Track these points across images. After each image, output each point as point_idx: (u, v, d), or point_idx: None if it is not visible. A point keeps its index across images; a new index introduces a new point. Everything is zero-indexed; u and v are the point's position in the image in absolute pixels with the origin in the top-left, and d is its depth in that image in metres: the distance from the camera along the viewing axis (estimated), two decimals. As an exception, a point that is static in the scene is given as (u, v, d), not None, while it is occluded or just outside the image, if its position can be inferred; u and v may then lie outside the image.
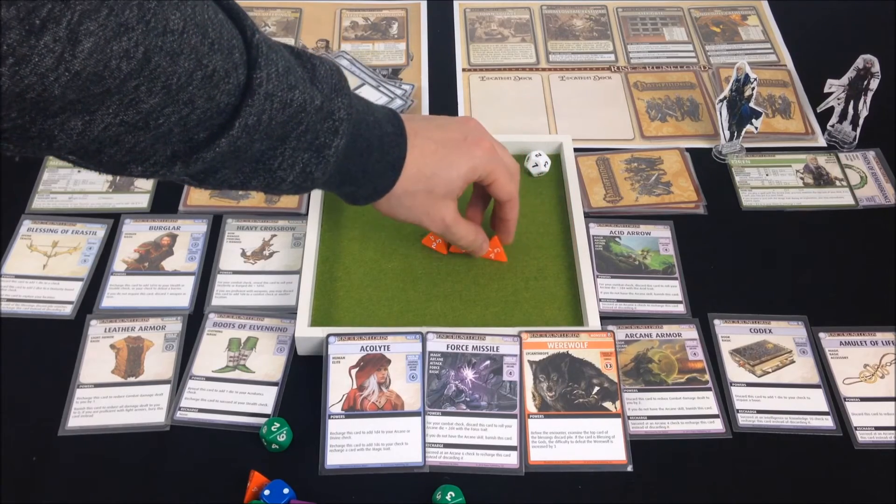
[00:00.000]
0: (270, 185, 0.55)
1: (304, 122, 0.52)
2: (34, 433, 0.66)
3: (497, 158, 0.67)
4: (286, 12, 1.04)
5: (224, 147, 0.48)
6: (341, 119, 0.55)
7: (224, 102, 0.47)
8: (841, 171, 0.86)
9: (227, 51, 0.46)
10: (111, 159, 0.46)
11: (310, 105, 0.52)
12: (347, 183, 0.61)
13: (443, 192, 0.65)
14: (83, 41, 0.38)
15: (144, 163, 0.48)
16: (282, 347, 0.71)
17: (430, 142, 0.64)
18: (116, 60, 0.40)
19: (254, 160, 0.53)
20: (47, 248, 0.78)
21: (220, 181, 0.53)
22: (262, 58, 0.49)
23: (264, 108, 0.49)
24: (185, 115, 0.45)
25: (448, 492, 0.61)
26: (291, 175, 0.55)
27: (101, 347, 0.71)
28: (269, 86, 0.49)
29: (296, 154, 0.54)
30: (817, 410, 0.68)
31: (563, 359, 0.68)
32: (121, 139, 0.45)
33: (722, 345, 0.72)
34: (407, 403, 0.66)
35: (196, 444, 0.65)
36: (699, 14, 1.05)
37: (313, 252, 0.74)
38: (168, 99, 0.44)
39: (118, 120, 0.43)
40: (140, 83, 0.42)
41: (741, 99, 0.84)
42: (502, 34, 1.02)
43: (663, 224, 0.81)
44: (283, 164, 0.54)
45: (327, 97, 0.54)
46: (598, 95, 0.95)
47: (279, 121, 0.51)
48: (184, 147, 0.48)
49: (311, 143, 0.54)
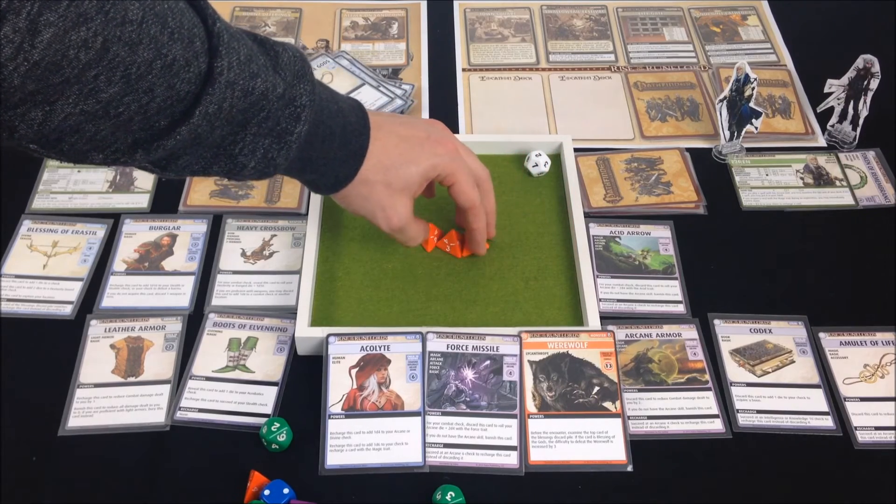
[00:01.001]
0: (232, 171, 0.55)
1: (265, 108, 0.53)
2: (34, 433, 0.66)
3: (459, 160, 0.67)
4: (286, 12, 1.04)
5: (184, 134, 0.49)
6: (303, 105, 0.55)
7: (184, 91, 0.47)
8: (841, 171, 0.86)
9: (187, 40, 0.46)
10: (72, 147, 0.47)
11: (272, 93, 0.52)
12: (308, 170, 0.61)
13: (400, 186, 0.65)
14: (42, 31, 0.38)
15: (105, 150, 0.48)
16: (282, 347, 0.71)
17: (393, 136, 0.64)
18: (75, 50, 0.40)
19: (214, 146, 0.53)
20: (47, 248, 0.78)
21: (182, 167, 0.53)
22: (224, 46, 0.49)
23: (225, 95, 0.49)
24: (145, 103, 0.46)
25: (448, 492, 0.61)
26: (253, 161, 0.55)
27: (101, 347, 0.71)
28: (231, 74, 0.49)
29: (257, 140, 0.54)
30: (817, 410, 0.68)
31: (563, 359, 0.68)
32: (81, 128, 0.45)
33: (722, 345, 0.72)
34: (407, 403, 0.66)
35: (196, 444, 0.65)
36: (699, 14, 1.05)
37: (313, 252, 0.74)
38: (127, 88, 0.44)
39: (78, 109, 0.43)
40: (99, 72, 0.42)
41: (741, 99, 0.84)
42: (502, 34, 1.02)
43: (663, 224, 0.81)
44: (244, 150, 0.54)
45: (290, 84, 0.54)
46: (598, 95, 0.95)
47: (240, 108, 0.51)
48: (144, 135, 0.48)
49: (272, 130, 0.54)
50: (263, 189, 0.83)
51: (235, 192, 0.83)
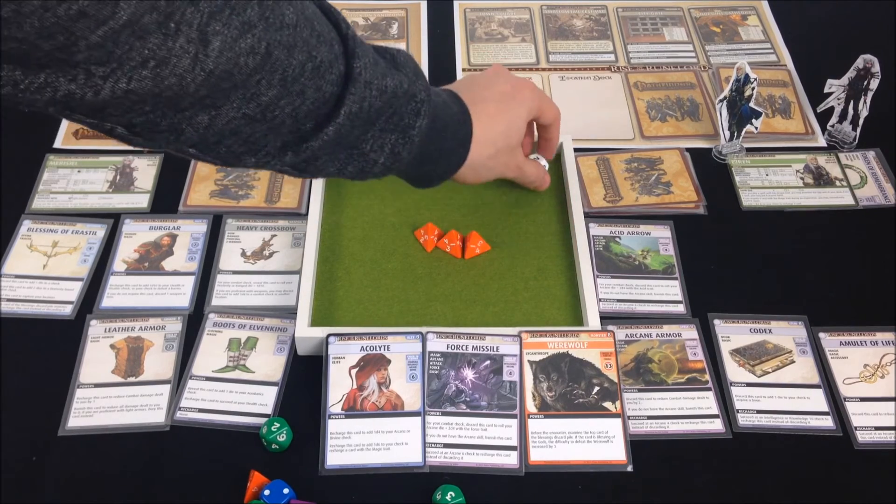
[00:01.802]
0: (364, 168, 0.57)
1: (393, 105, 0.55)
2: (34, 433, 0.66)
3: (539, 91, 0.73)
4: (286, 12, 1.04)
5: (331, 135, 0.51)
6: (423, 101, 0.57)
7: (329, 92, 0.50)
8: (841, 171, 0.86)
9: (328, 43, 0.49)
10: (228, 150, 0.49)
11: (399, 89, 0.55)
12: (426, 162, 0.63)
13: (516, 140, 0.70)
14: (212, 41, 0.40)
15: (258, 153, 0.51)
16: (282, 347, 0.71)
17: (489, 104, 0.68)
18: (244, 57, 0.42)
19: (349, 146, 0.55)
20: (47, 248, 0.78)
21: (319, 169, 0.55)
22: (358, 48, 0.51)
23: (365, 95, 0.51)
24: (298, 105, 0.48)
25: (448, 492, 0.61)
26: (382, 156, 0.57)
27: (101, 347, 0.71)
28: (367, 74, 0.51)
29: (384, 136, 0.56)
30: (817, 410, 0.68)
31: (563, 359, 0.68)
32: (240, 131, 0.47)
33: (722, 345, 0.72)
34: (407, 403, 0.66)
35: (196, 444, 0.65)
36: (699, 14, 1.05)
37: (313, 252, 0.74)
38: (284, 91, 0.46)
39: (241, 113, 0.46)
40: (262, 77, 0.45)
41: (741, 99, 0.84)
42: (502, 34, 1.02)
43: (663, 224, 0.81)
44: (374, 146, 0.56)
45: (412, 82, 0.57)
46: (598, 95, 0.95)
47: (376, 107, 0.53)
48: (293, 137, 0.51)
49: (397, 125, 0.56)
50: (263, 189, 0.83)
51: (235, 192, 0.83)
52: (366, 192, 0.81)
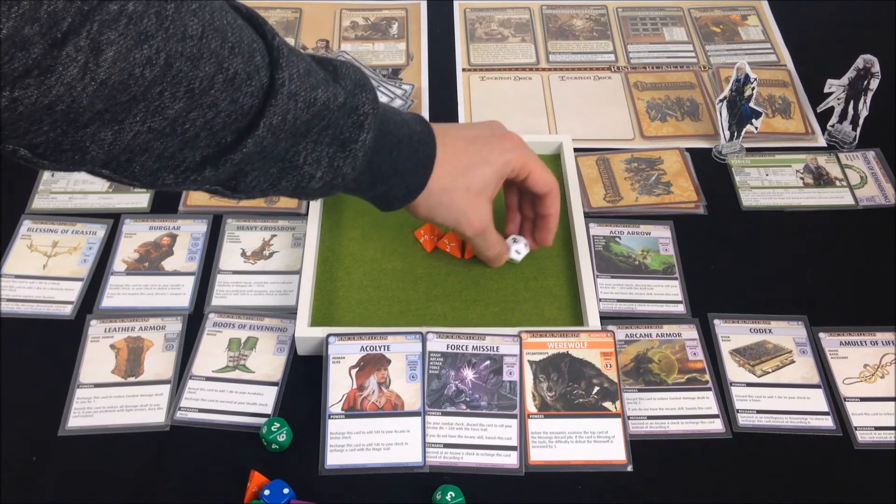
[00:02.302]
0: (301, 183, 0.56)
1: (326, 118, 0.53)
2: (34, 433, 0.66)
3: (527, 149, 0.68)
4: (286, 12, 1.04)
5: (251, 147, 0.49)
6: (366, 114, 0.56)
7: (248, 105, 0.48)
8: (841, 171, 0.86)
9: (247, 54, 0.47)
10: (143, 168, 0.48)
11: (333, 102, 0.53)
12: (380, 182, 0.61)
13: (479, 187, 0.65)
14: (105, 50, 0.39)
15: (175, 170, 0.49)
16: (282, 347, 0.71)
17: (460, 139, 0.65)
18: (140, 68, 0.41)
19: (280, 159, 0.54)
20: (47, 248, 0.78)
21: (251, 186, 0.54)
22: (284, 59, 0.50)
23: (288, 107, 0.50)
24: (211, 118, 0.47)
25: (448, 492, 0.61)
26: (319, 170, 0.55)
27: (101, 347, 0.71)
28: (292, 86, 0.50)
29: (319, 149, 0.55)
30: (817, 410, 0.68)
31: (563, 359, 0.68)
32: (150, 146, 0.46)
33: (722, 345, 0.72)
34: (407, 403, 0.66)
35: (196, 444, 0.65)
36: (699, 14, 1.05)
37: (313, 252, 0.74)
38: (192, 103, 0.45)
39: (146, 127, 0.44)
40: (164, 89, 0.43)
41: (741, 99, 0.84)
42: (502, 34, 1.02)
43: (663, 224, 0.81)
44: (309, 159, 0.54)
45: (350, 93, 0.55)
46: (598, 95, 0.95)
47: (303, 119, 0.52)
48: (212, 151, 0.49)
49: (334, 138, 0.55)
50: (263, 189, 0.83)
51: (235, 192, 0.82)
52: (366, 192, 0.81)
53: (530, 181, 0.68)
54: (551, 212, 0.71)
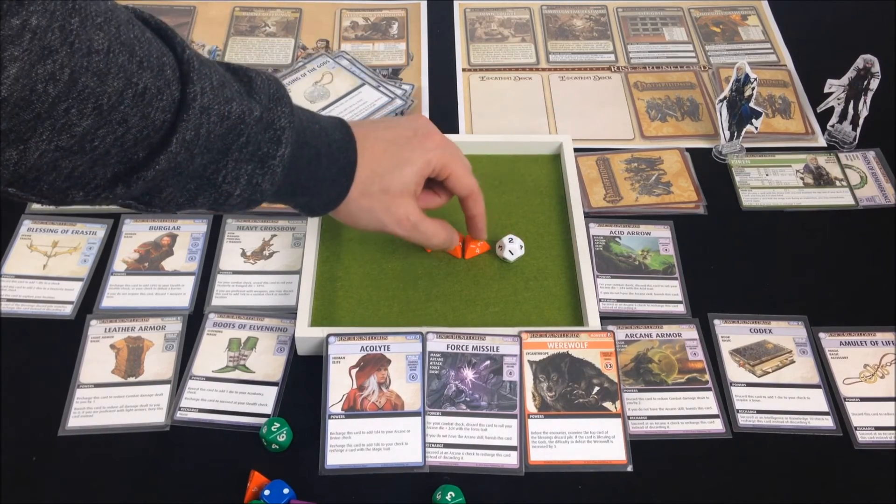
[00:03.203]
0: (218, 200, 0.54)
1: (244, 133, 0.52)
2: (34, 433, 0.66)
3: (451, 150, 0.67)
4: (286, 12, 1.04)
5: (163, 164, 0.48)
6: (283, 128, 0.54)
7: (159, 120, 0.47)
8: (841, 171, 0.86)
9: (157, 68, 0.46)
10: (51, 187, 0.46)
11: (248, 116, 0.52)
12: (300, 193, 0.60)
13: (398, 189, 0.64)
14: (8, 67, 0.38)
15: (85, 187, 0.47)
16: (282, 347, 0.71)
17: (380, 142, 0.64)
18: (43, 84, 0.39)
19: (196, 176, 0.52)
20: (47, 248, 0.78)
21: (167, 201, 0.52)
22: (195, 73, 0.48)
23: (201, 121, 0.48)
24: (121, 134, 0.45)
25: (448, 492, 0.61)
26: (238, 188, 0.54)
27: (101, 347, 0.71)
28: (205, 99, 0.48)
29: (239, 166, 0.53)
30: (817, 410, 0.68)
31: (563, 359, 0.68)
32: (58, 165, 0.44)
33: (722, 345, 0.72)
34: (407, 403, 0.66)
35: (196, 444, 0.65)
36: (699, 14, 1.05)
37: (313, 252, 0.74)
38: (101, 120, 0.43)
39: (53, 146, 0.42)
40: (70, 105, 0.41)
41: (741, 99, 0.84)
42: (502, 34, 1.02)
43: (663, 224, 0.81)
44: (228, 178, 0.53)
45: (266, 107, 0.54)
46: (598, 95, 0.95)
47: (218, 133, 0.50)
48: (123, 168, 0.48)
49: (253, 155, 0.53)
50: (263, 189, 0.83)
51: (235, 192, 0.82)
52: (366, 192, 0.81)
53: (450, 182, 0.68)
54: (474, 213, 0.71)
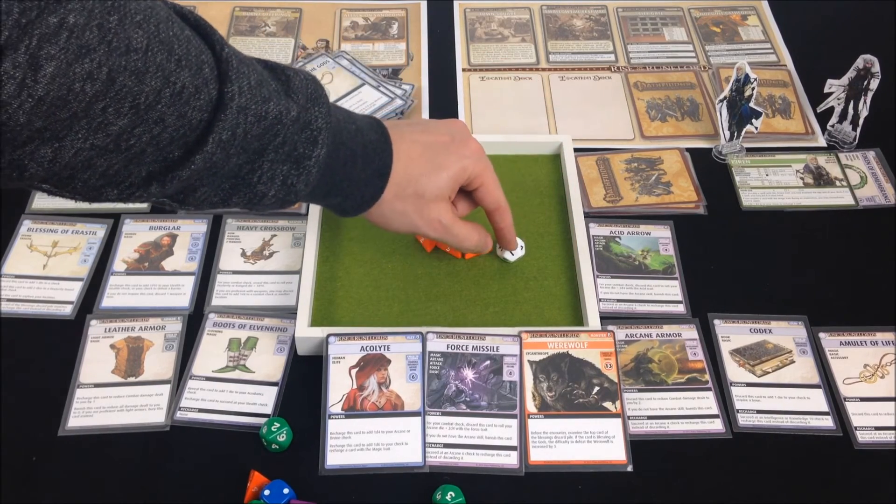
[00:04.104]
0: (252, 200, 0.54)
1: (280, 133, 0.52)
2: (34, 433, 0.66)
3: (485, 160, 0.67)
4: (286, 12, 1.04)
5: (199, 164, 0.48)
6: (319, 129, 0.54)
7: (196, 119, 0.46)
8: (841, 171, 0.86)
9: (195, 67, 0.46)
10: (85, 185, 0.46)
11: (286, 116, 0.51)
12: (333, 194, 0.60)
13: (433, 194, 0.64)
14: (44, 66, 0.37)
15: (119, 185, 0.47)
16: (282, 347, 0.71)
17: (417, 145, 0.63)
18: (80, 83, 0.39)
19: (232, 176, 0.52)
20: (47, 248, 0.78)
21: (201, 200, 0.52)
22: (233, 71, 0.48)
23: (238, 121, 0.48)
24: (157, 133, 0.45)
25: (448, 492, 0.61)
26: (273, 189, 0.54)
27: (101, 347, 0.71)
28: (242, 99, 0.48)
29: (275, 167, 0.53)
30: (817, 410, 0.68)
31: (563, 359, 0.68)
32: (93, 163, 0.44)
33: (722, 345, 0.72)
34: (407, 403, 0.66)
35: (196, 444, 0.65)
36: (699, 14, 1.05)
37: (313, 252, 0.74)
38: (137, 119, 0.43)
39: (88, 144, 0.42)
40: (107, 105, 0.41)
41: (741, 99, 0.84)
42: (502, 34, 1.02)
43: (663, 224, 0.81)
44: (263, 178, 0.53)
45: (303, 108, 0.53)
46: (598, 95, 0.95)
47: (255, 134, 0.50)
48: (158, 167, 0.47)
49: (289, 155, 0.53)
50: (263, 189, 0.83)
51: (235, 192, 0.82)
52: (366, 192, 0.81)
53: (480, 193, 0.67)
54: (502, 226, 0.71)
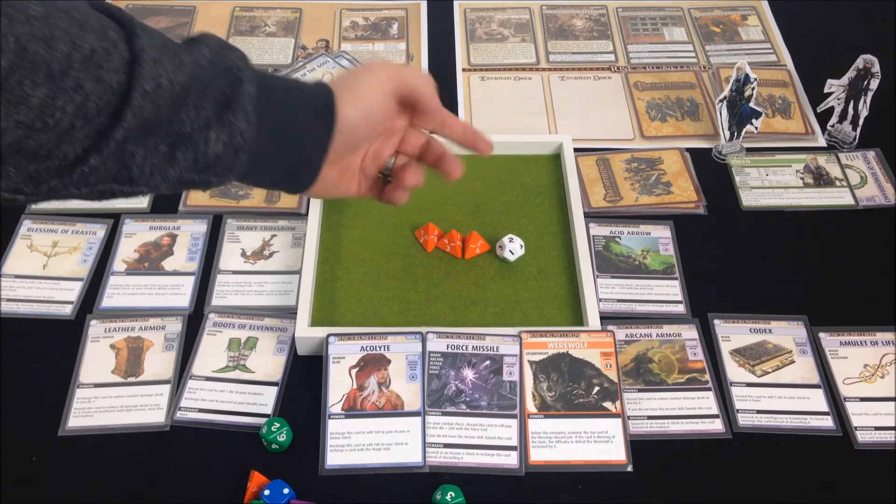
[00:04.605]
0: (199, 152, 0.52)
1: (201, 77, 0.51)
2: (34, 433, 0.66)
3: (408, 67, 0.64)
4: (286, 12, 1.04)
5: (130, 120, 0.47)
6: (239, 68, 0.53)
7: (115, 81, 0.46)
8: (841, 171, 0.86)
9: (100, 30, 0.46)
10: (19, 171, 0.45)
11: (202, 60, 0.51)
12: (286, 138, 0.57)
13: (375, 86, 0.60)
14: None
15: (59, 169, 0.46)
16: (282, 347, 0.71)
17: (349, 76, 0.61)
18: None
19: (166, 133, 0.50)
20: (47, 248, 0.78)
21: (147, 172, 0.50)
22: (139, 29, 0.48)
23: (157, 71, 0.48)
24: (80, 102, 0.44)
25: (448, 492, 0.61)
26: (212, 132, 0.51)
27: (101, 347, 0.71)
28: (153, 52, 0.48)
29: (206, 112, 0.51)
30: (817, 410, 0.68)
31: (563, 359, 0.68)
32: (23, 146, 0.44)
33: (722, 345, 0.72)
34: (407, 403, 0.66)
35: (196, 444, 0.65)
36: (699, 14, 1.05)
37: (313, 252, 0.74)
38: (55, 88, 0.43)
39: (13, 122, 0.42)
40: (22, 77, 0.41)
41: (741, 99, 0.84)
42: (502, 34, 1.02)
43: (663, 224, 0.81)
44: (198, 125, 0.51)
45: (217, 53, 0.53)
46: (598, 95, 0.95)
47: (179, 82, 0.49)
48: (92, 140, 0.47)
49: (217, 99, 0.52)
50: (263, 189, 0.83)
51: (235, 191, 0.83)
52: (366, 192, 0.81)
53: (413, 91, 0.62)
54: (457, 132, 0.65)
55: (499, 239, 0.76)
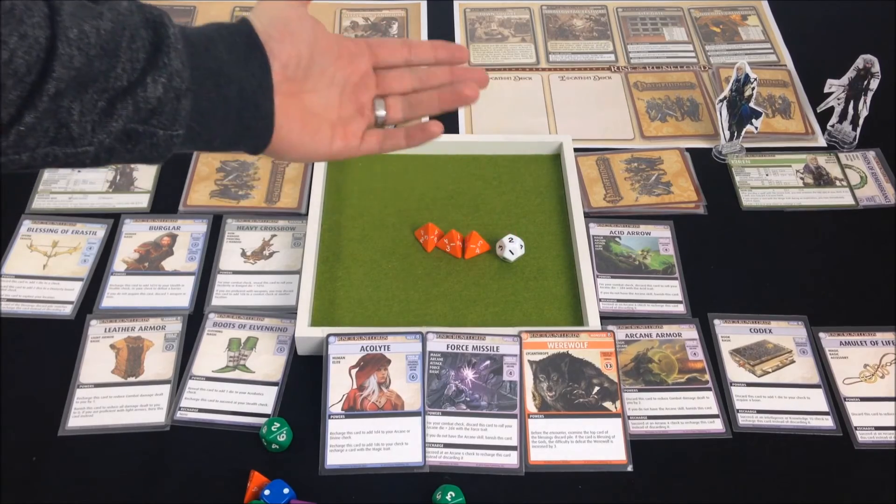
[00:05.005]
0: (137, 100, 0.50)
1: (127, 24, 0.50)
2: (34, 433, 0.66)
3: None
4: (286, 12, 1.04)
5: (59, 71, 0.46)
6: (159, 13, 0.52)
7: (41, 37, 0.46)
8: (841, 171, 0.86)
9: None
10: None
11: (122, 9, 0.50)
12: (223, 82, 0.55)
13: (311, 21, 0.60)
14: None
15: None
16: (282, 347, 0.71)
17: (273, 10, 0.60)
18: None
19: (102, 88, 0.49)
20: (47, 248, 0.78)
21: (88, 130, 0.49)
22: None
23: (78, 20, 0.47)
24: (7, 59, 0.44)
25: (448, 492, 0.61)
26: (148, 76, 0.50)
27: (101, 347, 0.71)
28: (71, 7, 0.47)
29: (137, 56, 0.50)
30: (817, 410, 0.68)
31: (563, 359, 0.68)
32: None
33: (722, 345, 0.72)
34: (407, 403, 0.66)
35: (196, 444, 0.65)
36: (699, 14, 1.05)
37: (313, 252, 0.74)
38: None
39: None
40: None
41: (741, 99, 0.84)
42: (502, 34, 1.02)
43: (663, 224, 0.81)
44: (127, 68, 0.50)
45: (136, 4, 0.52)
46: (598, 95, 0.95)
47: (105, 28, 0.49)
48: (24, 98, 0.46)
49: (144, 46, 0.51)
50: (263, 189, 0.83)
51: (235, 192, 0.83)
52: (366, 192, 0.81)
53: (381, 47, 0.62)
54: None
55: (499, 239, 0.76)
